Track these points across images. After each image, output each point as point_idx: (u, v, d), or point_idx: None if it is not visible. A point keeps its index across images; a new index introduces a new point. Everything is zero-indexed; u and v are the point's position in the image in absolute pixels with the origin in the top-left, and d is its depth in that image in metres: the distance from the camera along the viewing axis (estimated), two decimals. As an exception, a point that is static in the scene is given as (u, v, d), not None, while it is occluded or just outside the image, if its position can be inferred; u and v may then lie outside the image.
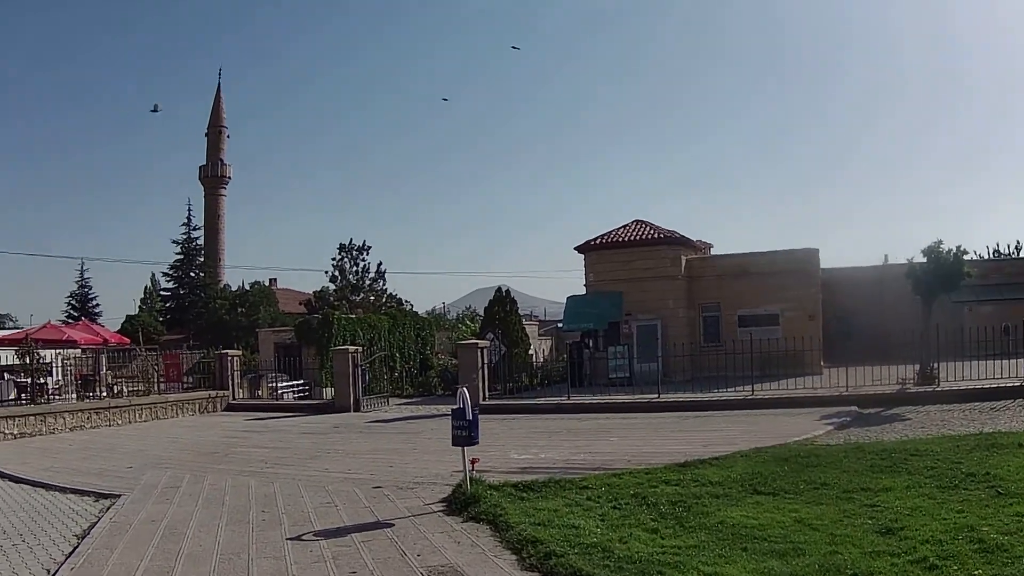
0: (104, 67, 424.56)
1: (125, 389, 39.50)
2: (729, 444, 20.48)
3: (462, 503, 14.36)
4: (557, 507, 13.84)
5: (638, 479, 15.96)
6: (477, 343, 36.93)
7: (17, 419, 30.31)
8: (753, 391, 31.90)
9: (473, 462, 15.33)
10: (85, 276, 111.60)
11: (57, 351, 38.49)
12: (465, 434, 15.02)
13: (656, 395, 32.78)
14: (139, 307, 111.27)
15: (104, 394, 38.11)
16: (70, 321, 79.25)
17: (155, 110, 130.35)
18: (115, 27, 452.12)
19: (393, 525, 13.45)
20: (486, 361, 35.90)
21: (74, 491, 18.45)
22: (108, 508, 16.17)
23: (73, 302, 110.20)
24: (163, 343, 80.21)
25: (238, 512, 15.14)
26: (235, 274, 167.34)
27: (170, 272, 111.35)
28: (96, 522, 14.88)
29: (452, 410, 15.45)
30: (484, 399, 34.27)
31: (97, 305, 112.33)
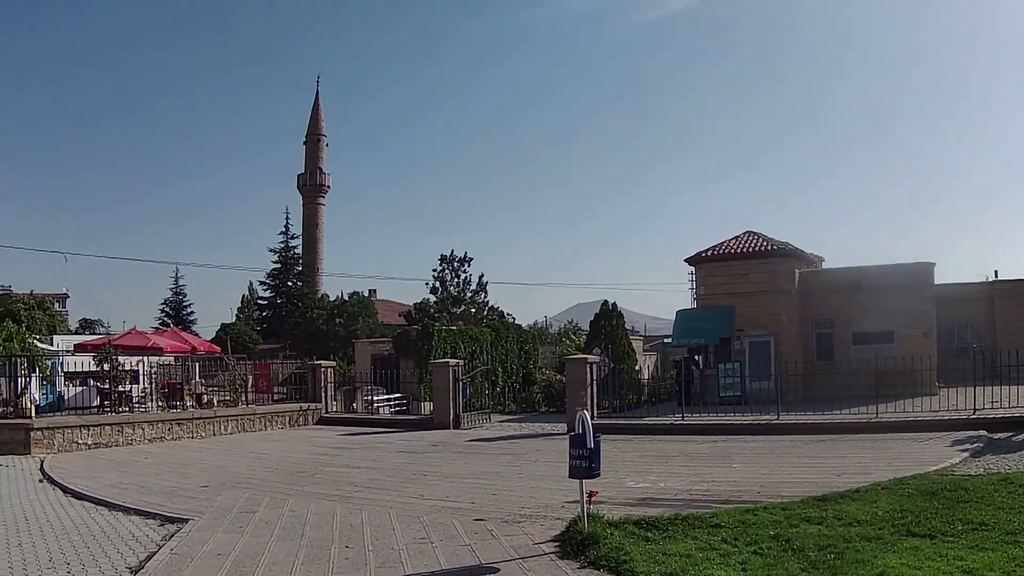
0: (202, 72, 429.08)
1: (214, 399, 38.04)
2: (863, 473, 18.51)
3: (578, 544, 12.21)
4: (689, 551, 11.78)
5: (775, 516, 13.92)
6: (586, 358, 34.68)
7: (92, 429, 28.93)
8: (877, 414, 29.45)
9: (591, 496, 13.19)
10: (180, 283, 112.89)
11: (138, 359, 36.79)
12: (584, 464, 12.87)
13: (775, 416, 30.68)
14: (236, 316, 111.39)
15: (190, 404, 36.66)
16: (162, 328, 78.67)
17: None
18: (215, 31, 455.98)
19: (498, 571, 11.40)
20: (595, 377, 33.76)
21: (139, 512, 16.70)
22: (172, 535, 14.36)
23: (167, 309, 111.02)
24: (259, 352, 79.82)
25: (318, 546, 13.19)
26: (333, 284, 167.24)
27: (267, 281, 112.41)
28: (155, 552, 13.09)
29: (570, 436, 13.28)
30: (593, 418, 31.77)
31: (192, 312, 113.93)
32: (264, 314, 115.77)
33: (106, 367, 33.49)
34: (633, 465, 22.00)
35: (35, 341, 38.29)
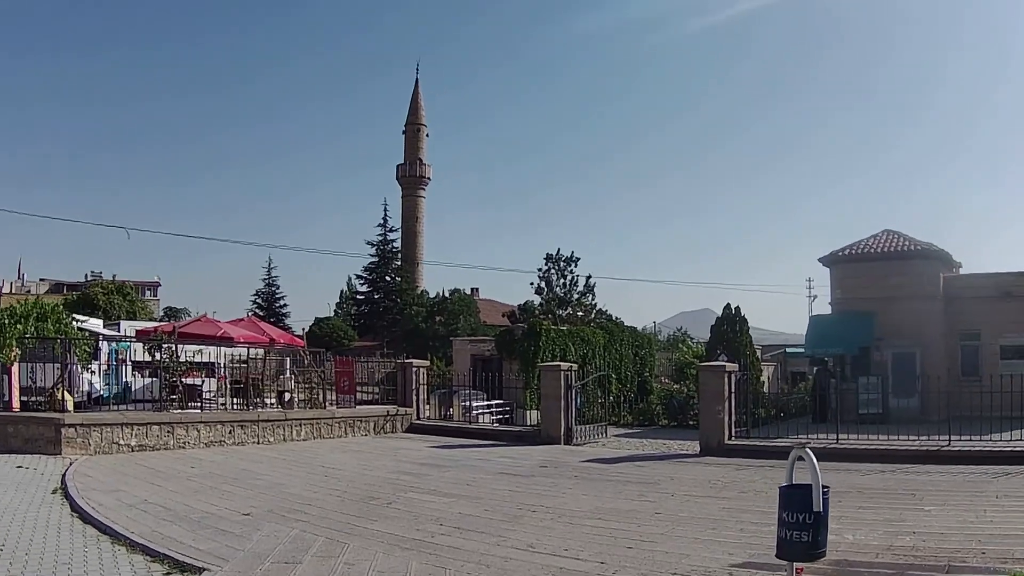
0: (298, 58, 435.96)
1: (295, 399, 34.06)
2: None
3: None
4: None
5: (1037, 598, 9.46)
6: (724, 366, 29.89)
7: (136, 428, 25.35)
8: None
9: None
10: (272, 275, 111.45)
11: (197, 349, 33.48)
12: (806, 539, 8.43)
13: (945, 442, 25.92)
14: (334, 311, 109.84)
15: (270, 403, 33.04)
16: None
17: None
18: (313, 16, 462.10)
19: None
20: (733, 389, 29.04)
21: (146, 551, 12.74)
22: (170, 597, 10.17)
23: (259, 301, 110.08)
24: (354, 349, 78.67)
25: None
26: (434, 280, 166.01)
27: (364, 275, 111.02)
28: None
29: (781, 491, 8.80)
30: (730, 438, 27.94)
31: (284, 305, 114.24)
32: (362, 309, 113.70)
33: (159, 356, 30.13)
34: (802, 505, 17.21)
35: (77, 323, 34.63)
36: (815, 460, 8.87)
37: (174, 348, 30.35)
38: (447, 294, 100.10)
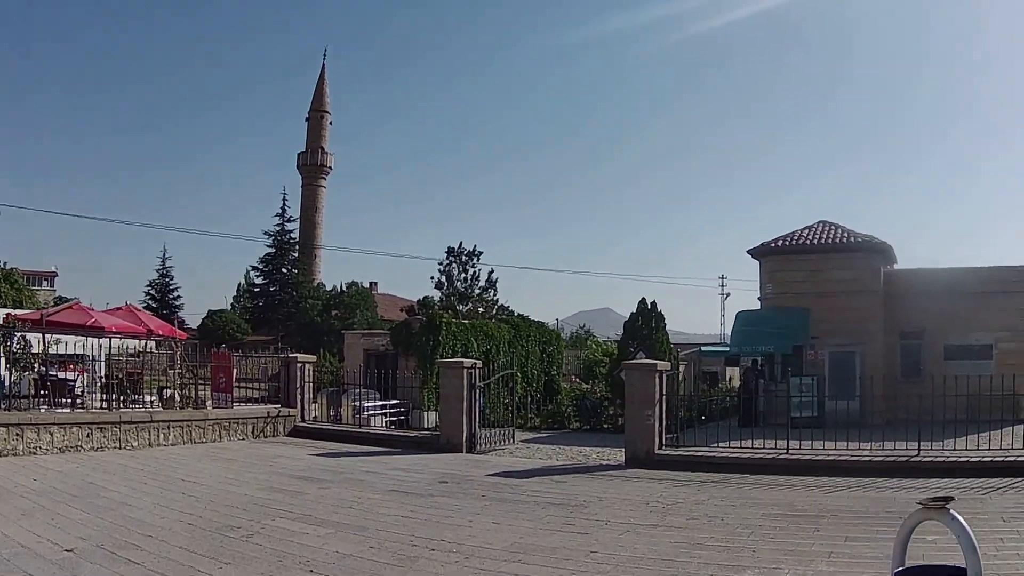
0: (201, 41, 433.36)
1: (175, 395, 30.83)
2: None
3: None
4: None
5: None
6: (656, 364, 25.88)
7: None
8: (1045, 451, 22.33)
9: None
10: (167, 265, 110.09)
11: (61, 339, 30.12)
12: None
13: (914, 452, 22.79)
14: (231, 304, 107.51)
15: (151, 400, 31.05)
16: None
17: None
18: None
19: None
20: (663, 392, 25.37)
21: None
22: None
23: (152, 292, 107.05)
24: (247, 343, 77.20)
25: None
26: (332, 273, 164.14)
27: (260, 266, 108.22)
28: None
29: None
30: (660, 447, 24.36)
31: (178, 297, 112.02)
32: (257, 303, 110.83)
33: (10, 345, 26.89)
34: (774, 539, 13.45)
35: None
36: (969, 529, 5.40)
37: (27, 338, 27.62)
38: (344, 287, 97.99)
